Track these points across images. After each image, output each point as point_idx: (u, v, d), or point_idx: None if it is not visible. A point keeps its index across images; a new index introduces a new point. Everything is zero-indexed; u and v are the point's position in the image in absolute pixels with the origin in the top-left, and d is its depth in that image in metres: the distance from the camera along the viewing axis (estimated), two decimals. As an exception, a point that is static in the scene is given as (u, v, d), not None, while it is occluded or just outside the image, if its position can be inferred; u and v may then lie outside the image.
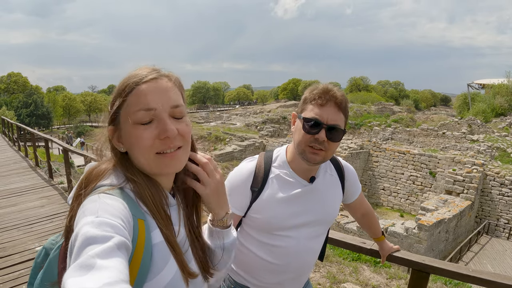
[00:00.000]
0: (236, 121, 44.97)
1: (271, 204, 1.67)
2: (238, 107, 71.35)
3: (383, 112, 47.76)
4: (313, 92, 1.57)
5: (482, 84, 50.13)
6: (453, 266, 2.21)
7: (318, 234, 1.80)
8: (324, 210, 1.77)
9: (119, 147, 1.02)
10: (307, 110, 1.58)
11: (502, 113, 37.60)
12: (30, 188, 8.41)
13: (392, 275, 5.45)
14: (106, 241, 0.73)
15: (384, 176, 25.01)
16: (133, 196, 0.98)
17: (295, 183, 1.69)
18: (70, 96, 60.07)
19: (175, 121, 1.00)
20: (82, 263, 0.67)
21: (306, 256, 1.77)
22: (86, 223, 0.77)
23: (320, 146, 1.54)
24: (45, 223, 6.11)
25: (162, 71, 1.03)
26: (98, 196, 0.89)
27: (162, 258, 0.96)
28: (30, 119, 45.79)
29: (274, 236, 1.70)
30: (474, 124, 31.38)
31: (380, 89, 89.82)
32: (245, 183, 1.68)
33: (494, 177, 19.73)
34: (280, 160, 1.73)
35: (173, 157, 1.00)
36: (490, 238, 18.50)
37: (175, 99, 1.01)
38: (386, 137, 31.57)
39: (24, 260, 4.73)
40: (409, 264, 2.25)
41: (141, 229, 0.92)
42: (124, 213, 0.87)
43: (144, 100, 0.96)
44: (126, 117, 0.98)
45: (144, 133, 0.96)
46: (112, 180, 0.98)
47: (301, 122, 1.58)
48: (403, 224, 15.88)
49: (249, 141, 29.11)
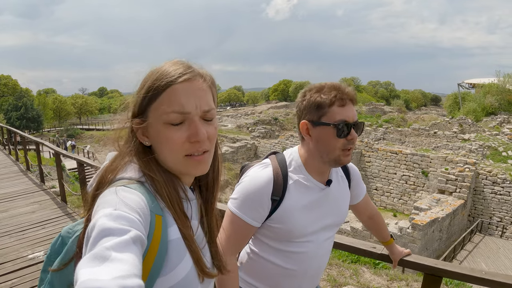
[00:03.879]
0: (227, 122, 45.04)
1: (293, 212, 1.58)
2: (229, 109, 71.43)
3: (374, 112, 48.05)
4: (330, 95, 1.49)
5: (472, 83, 50.55)
6: (467, 270, 2.14)
7: (331, 235, 1.78)
8: (339, 211, 1.74)
9: (144, 141, 1.00)
10: (330, 114, 1.49)
11: (492, 112, 37.96)
12: (21, 193, 8.26)
13: (393, 277, 5.40)
14: (122, 234, 0.73)
15: (377, 176, 25.11)
16: (152, 191, 0.96)
17: (314, 188, 1.63)
18: (61, 99, 59.88)
19: (205, 123, 0.99)
20: (97, 254, 0.67)
21: (323, 258, 1.74)
22: (104, 215, 0.77)
23: (352, 145, 1.54)
24: (37, 229, 5.95)
25: (196, 68, 1.01)
26: (117, 189, 0.89)
27: (177, 254, 0.96)
28: (20, 122, 45.42)
29: (294, 243, 1.62)
30: (465, 123, 31.60)
31: (371, 89, 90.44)
32: (266, 192, 1.55)
33: (486, 175, 19.91)
34: (296, 164, 1.63)
35: (200, 161, 0.99)
36: (483, 237, 18.63)
37: (208, 103, 1.00)
38: (378, 137, 31.69)
39: (17, 268, 4.58)
40: (422, 268, 2.18)
41: (158, 224, 0.92)
42: (142, 207, 0.86)
43: (179, 102, 0.94)
44: (156, 114, 0.95)
45: (175, 134, 0.95)
46: (132, 173, 0.97)
47: (331, 128, 1.49)
48: (397, 224, 15.97)
49: (240, 143, 29.14)
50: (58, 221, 6.35)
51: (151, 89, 0.96)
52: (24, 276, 4.40)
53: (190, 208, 1.06)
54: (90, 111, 66.97)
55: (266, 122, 36.98)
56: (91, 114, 68.78)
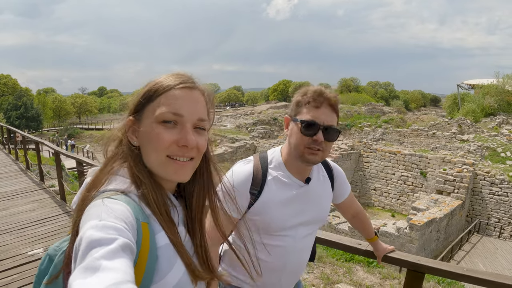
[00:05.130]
0: (226, 122, 44.98)
1: (270, 206, 1.68)
2: (229, 109, 71.36)
3: (373, 113, 47.97)
4: (307, 95, 1.61)
5: (471, 84, 50.41)
6: (448, 266, 2.23)
7: (312, 232, 1.86)
8: (319, 209, 1.83)
9: (132, 140, 1.03)
10: (303, 113, 1.61)
11: (491, 113, 37.87)
12: (21, 191, 8.34)
13: (386, 275, 5.48)
14: (110, 243, 0.74)
15: (375, 177, 25.13)
16: (137, 200, 0.98)
17: (292, 184, 1.73)
18: (60, 98, 59.80)
19: (197, 132, 1.03)
20: (88, 266, 0.68)
21: (302, 253, 1.83)
22: (90, 227, 0.78)
23: (318, 146, 1.59)
24: (37, 227, 6.05)
25: (197, 83, 1.07)
26: (102, 201, 0.89)
27: (167, 260, 0.97)
28: (20, 122, 45.34)
29: (272, 236, 1.72)
30: (464, 124, 31.58)
31: (370, 90, 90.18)
32: (245, 185, 1.67)
33: (485, 176, 19.93)
34: (276, 162, 1.75)
35: (183, 166, 1.01)
36: (481, 237, 18.68)
37: (202, 113, 1.04)
38: (377, 137, 31.69)
39: (17, 265, 4.68)
40: (405, 264, 2.26)
41: (145, 232, 0.92)
42: (128, 216, 0.87)
43: (174, 104, 0.99)
44: (151, 113, 0.99)
45: (165, 134, 0.98)
46: (116, 185, 0.99)
47: (298, 125, 1.60)
48: (394, 224, 15.96)
49: (240, 143, 29.10)
50: (58, 219, 6.43)
51: (151, 90, 1.01)
52: (23, 272, 4.49)
53: (176, 214, 1.08)
54: (89, 110, 66.87)
55: (266, 122, 36.96)
56: (91, 114, 68.75)
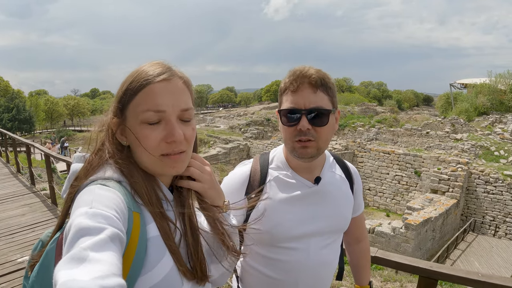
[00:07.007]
0: (220, 123, 44.95)
1: (270, 210, 1.45)
2: (222, 110, 71.38)
3: (366, 112, 48.14)
4: (285, 81, 1.38)
5: (464, 83, 50.76)
6: (462, 272, 2.12)
7: (330, 243, 1.54)
8: (336, 214, 1.53)
9: (122, 141, 1.01)
10: (283, 101, 1.39)
11: (484, 112, 38.18)
12: (11, 195, 8.15)
13: (387, 278, 5.38)
14: (99, 233, 0.72)
15: (370, 177, 25.12)
16: (129, 189, 0.97)
17: (298, 185, 1.47)
18: (53, 100, 59.36)
19: (183, 124, 1.00)
20: (74, 256, 0.67)
21: (319, 270, 1.51)
22: (80, 214, 0.77)
23: (307, 136, 1.33)
24: (27, 232, 5.88)
25: (174, 69, 1.03)
26: (93, 187, 0.88)
27: (156, 252, 0.95)
28: (12, 124, 44.99)
29: (277, 249, 1.48)
30: (457, 123, 31.70)
31: (363, 90, 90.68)
32: (240, 189, 1.48)
33: (479, 175, 19.97)
34: (278, 161, 1.52)
35: (177, 159, 1.00)
36: (476, 236, 18.72)
37: (186, 102, 1.01)
38: (371, 137, 31.71)
39: (6, 272, 4.52)
40: (417, 271, 2.14)
41: (136, 222, 0.91)
42: (119, 204, 0.86)
43: (155, 101, 0.95)
44: (134, 113, 0.97)
45: (151, 134, 0.95)
46: (109, 173, 0.96)
47: (281, 116, 1.39)
48: (390, 224, 15.97)
49: (233, 144, 29.05)
50: (48, 224, 6.26)
51: (129, 89, 0.97)
52: (13, 280, 4.34)
53: (171, 208, 1.05)
54: (82, 112, 66.56)
55: (259, 123, 36.83)
56: (83, 116, 68.45)
